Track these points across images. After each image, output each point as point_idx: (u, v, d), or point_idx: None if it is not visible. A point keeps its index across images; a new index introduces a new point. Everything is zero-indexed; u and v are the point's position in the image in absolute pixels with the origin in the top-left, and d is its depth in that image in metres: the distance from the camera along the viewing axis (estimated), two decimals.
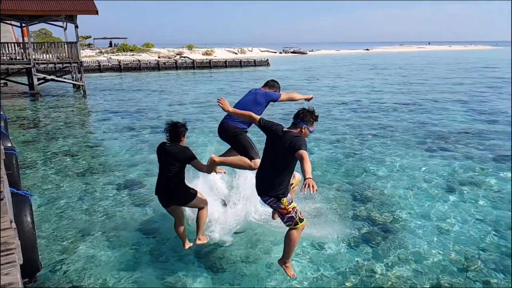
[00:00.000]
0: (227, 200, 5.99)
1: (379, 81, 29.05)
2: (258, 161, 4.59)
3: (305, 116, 3.54)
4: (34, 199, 7.01)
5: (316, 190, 3.09)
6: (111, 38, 68.51)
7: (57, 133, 12.93)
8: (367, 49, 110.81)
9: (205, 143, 10.63)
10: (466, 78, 30.77)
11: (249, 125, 4.62)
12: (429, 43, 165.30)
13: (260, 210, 6.04)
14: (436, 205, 7.02)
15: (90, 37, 65.74)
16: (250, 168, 4.70)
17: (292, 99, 4.94)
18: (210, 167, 4.62)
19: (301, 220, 3.92)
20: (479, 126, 13.30)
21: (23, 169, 8.91)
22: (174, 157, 4.41)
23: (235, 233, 5.73)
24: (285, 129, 3.61)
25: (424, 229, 6.17)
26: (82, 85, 22.68)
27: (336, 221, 6.26)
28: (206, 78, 34.01)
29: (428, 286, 4.76)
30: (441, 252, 5.49)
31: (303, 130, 3.56)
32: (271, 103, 4.84)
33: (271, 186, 3.66)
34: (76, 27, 21.47)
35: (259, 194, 3.86)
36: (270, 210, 6.01)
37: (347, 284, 4.78)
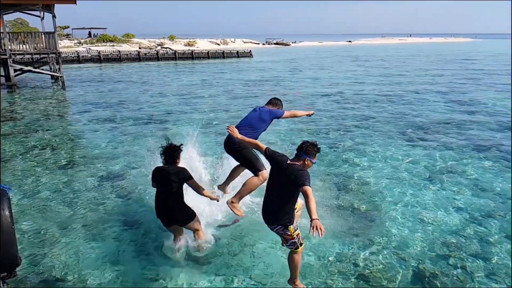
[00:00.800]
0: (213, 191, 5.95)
1: (361, 73, 29.28)
2: (265, 172, 4.70)
3: (307, 149, 3.64)
4: (13, 193, 6.83)
5: (324, 233, 3.14)
6: (90, 29, 67.13)
7: (36, 126, 12.62)
8: (350, 41, 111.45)
9: (189, 134, 10.53)
10: (446, 69, 31.29)
11: (254, 139, 4.70)
12: (410, 35, 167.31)
13: (247, 202, 6.03)
14: (418, 194, 7.15)
15: (68, 27, 64.21)
16: (261, 183, 4.80)
17: (294, 116, 5.19)
18: (237, 211, 4.88)
19: (301, 244, 4.08)
20: (459, 117, 13.56)
21: (2, 163, 8.67)
22: (172, 178, 4.48)
23: (220, 226, 5.73)
24: (289, 161, 3.70)
25: (406, 217, 6.27)
26: (60, 77, 22.16)
27: (320, 211, 6.28)
28: (189, 69, 33.66)
29: (410, 273, 4.85)
30: (423, 240, 5.60)
31: (306, 162, 3.69)
32: (274, 120, 5.00)
33: (278, 215, 3.80)
34: (54, 16, 20.91)
35: (266, 223, 3.98)
36: (255, 199, 6.01)
37: (332, 272, 4.83)
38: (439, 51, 62.24)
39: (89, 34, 65.17)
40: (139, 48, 50.29)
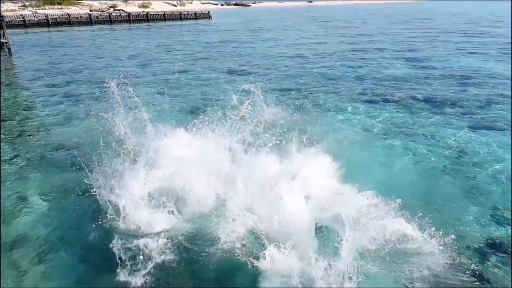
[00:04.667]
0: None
1: (323, 34, 29.20)
2: None
3: None
4: None
5: None
6: None
7: None
8: (310, 1, 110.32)
9: (150, 99, 10.19)
10: (405, 29, 31.77)
11: None
12: None
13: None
14: (378, 153, 7.38)
15: None
16: None
17: None
18: None
19: None
20: (416, 73, 13.91)
21: None
22: None
23: None
24: None
25: (371, 176, 6.48)
26: (6, 42, 20.58)
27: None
28: (144, 32, 32.25)
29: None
30: (384, 195, 5.84)
31: None
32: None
33: None
34: None
35: None
36: None
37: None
38: (398, 11, 62.94)
39: None
40: (90, 10, 47.43)
